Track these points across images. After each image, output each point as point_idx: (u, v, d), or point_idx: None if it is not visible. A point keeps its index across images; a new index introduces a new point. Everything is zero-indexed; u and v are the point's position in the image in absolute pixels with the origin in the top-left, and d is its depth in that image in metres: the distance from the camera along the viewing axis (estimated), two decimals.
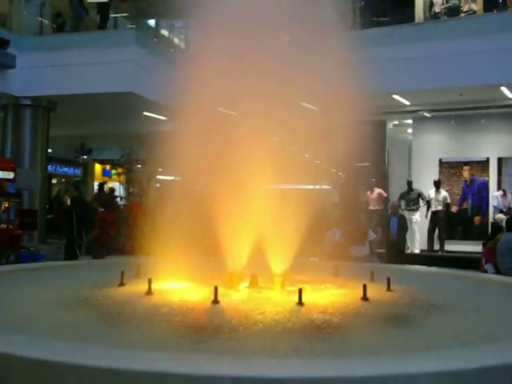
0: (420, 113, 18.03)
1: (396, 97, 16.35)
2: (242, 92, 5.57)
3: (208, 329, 3.78)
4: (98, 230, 12.92)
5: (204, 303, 4.48)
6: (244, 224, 5.53)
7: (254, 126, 5.50)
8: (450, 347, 3.15)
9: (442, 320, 4.37)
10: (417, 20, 16.59)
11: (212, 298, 4.45)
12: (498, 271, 11.18)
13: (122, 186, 24.35)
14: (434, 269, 7.58)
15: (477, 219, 17.59)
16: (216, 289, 4.45)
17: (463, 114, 17.56)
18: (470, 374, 2.70)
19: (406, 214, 16.14)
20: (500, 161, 17.57)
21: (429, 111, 17.92)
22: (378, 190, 17.51)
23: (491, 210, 17.23)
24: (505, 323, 4.24)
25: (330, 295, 5.08)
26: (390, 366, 2.73)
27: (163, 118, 14.02)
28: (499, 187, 17.38)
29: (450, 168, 18.09)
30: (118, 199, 21.83)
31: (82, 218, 12.57)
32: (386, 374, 2.60)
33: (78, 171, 30.79)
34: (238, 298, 4.90)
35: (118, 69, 15.76)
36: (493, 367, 2.76)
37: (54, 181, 30.92)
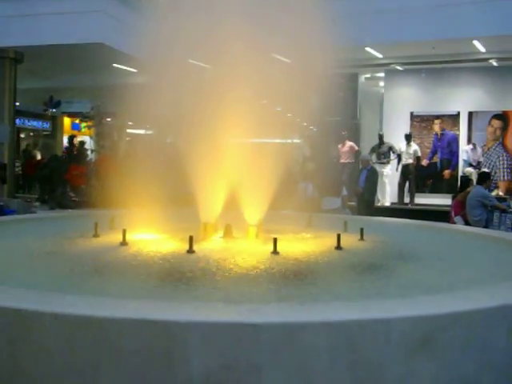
0: (392, 66, 18.02)
1: (368, 49, 16.31)
2: (214, 44, 5.51)
3: (184, 277, 3.80)
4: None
5: (179, 253, 4.50)
6: (217, 176, 5.53)
7: (226, 79, 5.46)
8: (422, 293, 3.21)
9: (415, 268, 4.45)
10: None
11: (187, 247, 4.47)
12: (466, 223, 11.39)
13: (91, 140, 24.09)
14: (405, 220, 7.67)
15: (446, 173, 17.79)
16: (191, 238, 4.46)
17: (435, 67, 17.58)
18: (442, 318, 2.77)
19: (377, 167, 16.22)
20: (470, 115, 17.68)
21: (401, 64, 17.91)
22: (349, 143, 17.57)
23: (461, 163, 17.42)
24: (473, 271, 4.34)
25: (304, 245, 5.13)
26: (365, 310, 2.77)
27: (134, 70, 13.83)
28: (469, 141, 17.55)
29: (420, 121, 18.17)
30: (89, 152, 21.62)
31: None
32: (362, 318, 2.65)
33: (47, 125, 30.31)
34: (212, 247, 4.92)
35: (88, 19, 15.40)
36: (464, 312, 2.83)
37: (22, 135, 30.48)
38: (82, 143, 20.95)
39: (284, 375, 2.57)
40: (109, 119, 22.20)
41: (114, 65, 16.76)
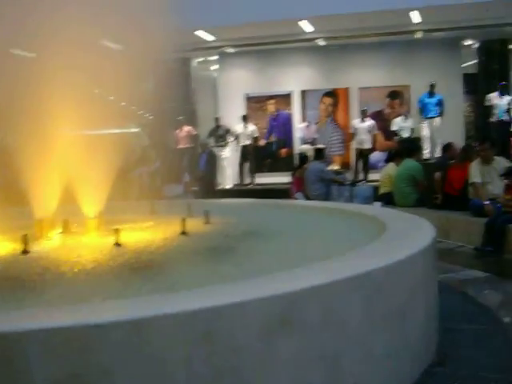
0: (224, 49, 18.06)
1: (199, 33, 16.18)
2: (39, 32, 5.18)
3: (19, 281, 3.50)
4: None
5: (12, 254, 4.16)
6: (50, 170, 5.22)
7: (54, 69, 5.15)
8: (275, 271, 3.15)
9: (264, 246, 4.42)
10: None
11: (21, 248, 4.15)
12: (307, 198, 11.72)
13: None
14: (248, 200, 7.71)
15: (283, 151, 18.20)
16: (25, 237, 4.14)
17: (266, 48, 17.79)
18: (298, 294, 2.72)
19: (216, 150, 16.25)
20: (303, 93, 18.15)
21: (233, 47, 18.00)
22: (186, 128, 17.45)
23: (296, 141, 17.86)
24: (323, 243, 4.37)
25: (148, 233, 4.97)
26: (218, 296, 2.65)
27: None
28: (303, 119, 18.01)
29: (256, 103, 18.40)
30: None
31: None
32: (215, 305, 2.52)
33: None
34: (50, 246, 4.61)
35: None
36: (321, 285, 2.81)
37: None
38: None
39: (139, 375, 2.39)
40: None
41: None
